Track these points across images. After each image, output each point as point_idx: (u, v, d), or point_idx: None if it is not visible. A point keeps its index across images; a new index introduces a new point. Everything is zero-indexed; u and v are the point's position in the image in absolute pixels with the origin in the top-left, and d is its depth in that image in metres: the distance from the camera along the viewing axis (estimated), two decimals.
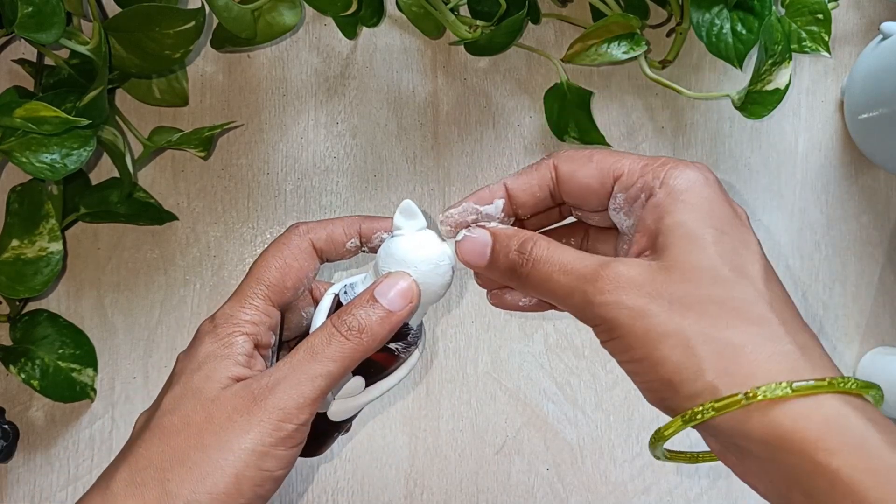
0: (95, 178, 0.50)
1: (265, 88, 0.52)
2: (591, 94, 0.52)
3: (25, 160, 0.39)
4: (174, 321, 0.50)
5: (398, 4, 0.47)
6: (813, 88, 0.56)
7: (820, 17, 0.49)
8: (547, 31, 0.54)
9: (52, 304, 0.49)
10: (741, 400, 0.25)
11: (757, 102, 0.46)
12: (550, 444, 0.52)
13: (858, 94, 0.53)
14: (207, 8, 0.42)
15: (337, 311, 0.32)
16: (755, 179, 0.55)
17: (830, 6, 0.50)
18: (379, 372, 0.35)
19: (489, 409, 0.52)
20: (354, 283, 0.34)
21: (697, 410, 0.25)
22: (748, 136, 0.55)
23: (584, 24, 0.52)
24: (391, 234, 0.34)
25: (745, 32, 0.47)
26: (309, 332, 0.33)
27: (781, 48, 0.44)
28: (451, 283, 0.33)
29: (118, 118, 0.48)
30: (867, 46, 0.53)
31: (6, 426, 0.47)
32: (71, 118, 0.38)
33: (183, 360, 0.32)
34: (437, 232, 0.34)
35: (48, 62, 0.46)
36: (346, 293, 0.34)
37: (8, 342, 0.47)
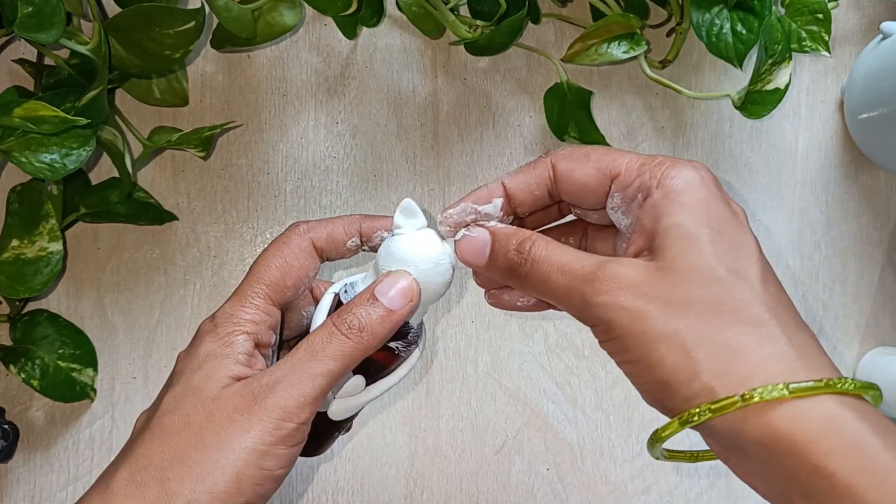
0: (95, 178, 0.50)
1: (265, 88, 0.52)
2: (591, 93, 0.52)
3: (25, 160, 0.39)
4: (174, 321, 0.50)
5: (398, 4, 0.47)
6: (813, 88, 0.56)
7: (820, 16, 0.49)
8: (547, 31, 0.54)
9: (52, 304, 0.49)
10: (738, 402, 0.25)
11: (757, 102, 0.46)
12: (550, 444, 0.52)
13: (858, 93, 0.53)
14: (207, 8, 0.42)
15: (337, 309, 0.32)
16: (755, 179, 0.55)
17: (830, 6, 0.50)
18: (379, 371, 0.35)
19: (489, 409, 0.52)
20: (355, 281, 0.34)
21: (694, 412, 0.25)
22: (748, 135, 0.55)
23: (584, 24, 0.52)
24: (391, 233, 0.34)
25: (745, 32, 0.47)
26: (309, 331, 0.33)
27: (781, 48, 0.44)
28: (451, 282, 0.33)
29: (118, 118, 0.48)
30: (867, 46, 0.53)
31: (6, 426, 0.47)
32: (70, 118, 0.38)
33: (183, 359, 0.32)
34: (437, 231, 0.34)
35: (48, 62, 0.46)
36: (346, 292, 0.34)
37: (8, 342, 0.47)
